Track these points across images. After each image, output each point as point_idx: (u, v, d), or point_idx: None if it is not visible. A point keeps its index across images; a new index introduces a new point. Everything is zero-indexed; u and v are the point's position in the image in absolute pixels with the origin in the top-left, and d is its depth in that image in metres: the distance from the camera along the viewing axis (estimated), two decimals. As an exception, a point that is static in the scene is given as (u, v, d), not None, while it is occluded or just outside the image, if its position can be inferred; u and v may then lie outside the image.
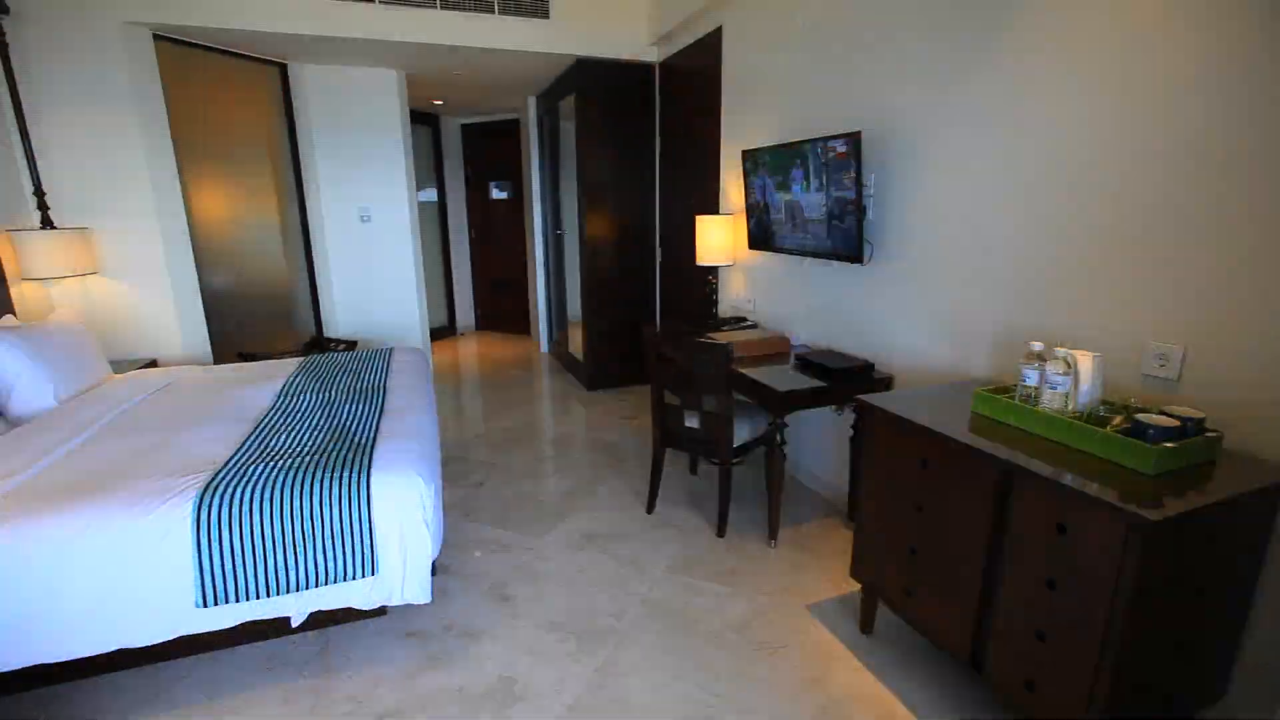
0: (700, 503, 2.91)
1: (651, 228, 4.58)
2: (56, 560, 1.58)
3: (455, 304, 6.73)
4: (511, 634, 2.04)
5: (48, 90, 3.17)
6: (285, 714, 1.74)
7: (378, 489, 1.79)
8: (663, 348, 2.57)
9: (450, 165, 6.51)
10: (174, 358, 3.60)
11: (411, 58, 4.15)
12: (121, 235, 3.40)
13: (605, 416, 4.14)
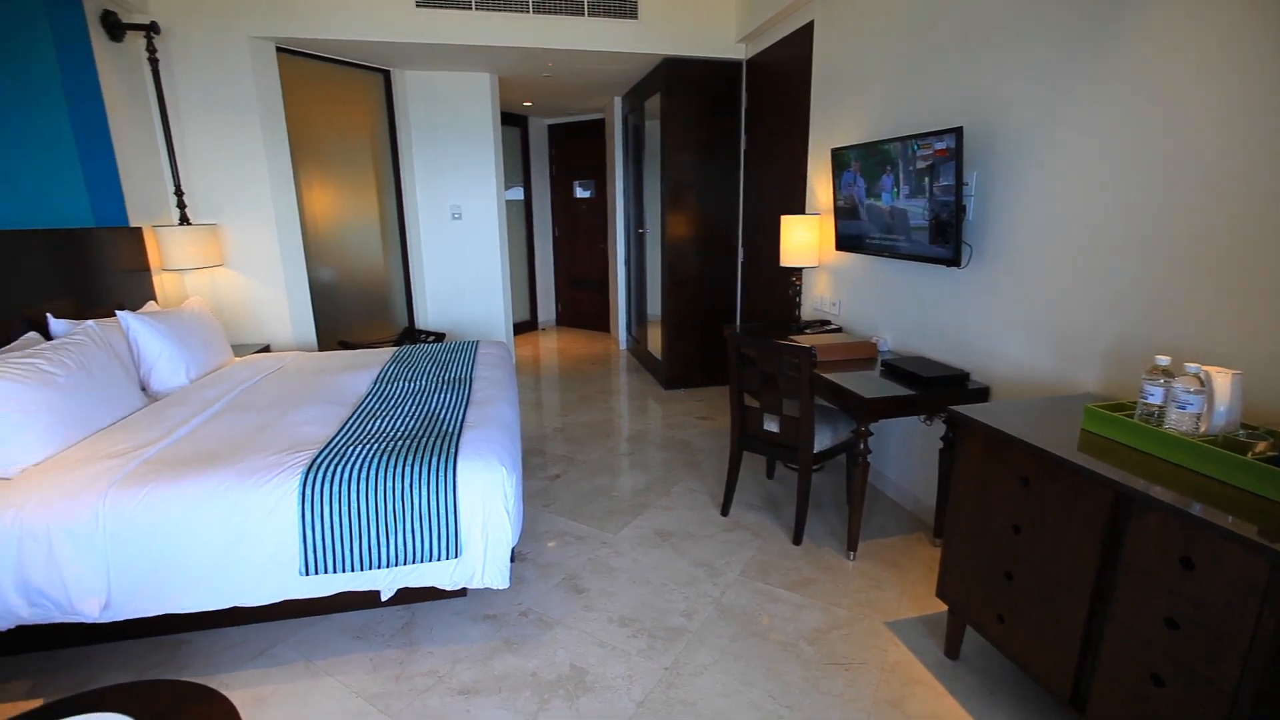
0: (776, 508, 2.85)
1: (734, 227, 4.53)
2: (186, 521, 1.75)
3: (538, 299, 6.92)
4: (584, 625, 2.08)
5: (186, 100, 3.51)
6: (373, 680, 1.85)
7: (464, 476, 1.87)
8: (743, 349, 2.54)
9: (536, 165, 6.70)
10: (284, 344, 3.90)
11: (504, 61, 4.29)
12: (244, 231, 3.72)
13: (681, 416, 4.13)
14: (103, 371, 2.29)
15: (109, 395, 2.28)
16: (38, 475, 1.82)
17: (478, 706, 1.75)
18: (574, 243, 6.88)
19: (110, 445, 2.02)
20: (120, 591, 1.75)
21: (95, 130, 2.95)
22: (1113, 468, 1.35)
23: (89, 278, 2.79)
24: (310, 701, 1.78)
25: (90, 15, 2.98)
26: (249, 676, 1.86)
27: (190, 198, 3.57)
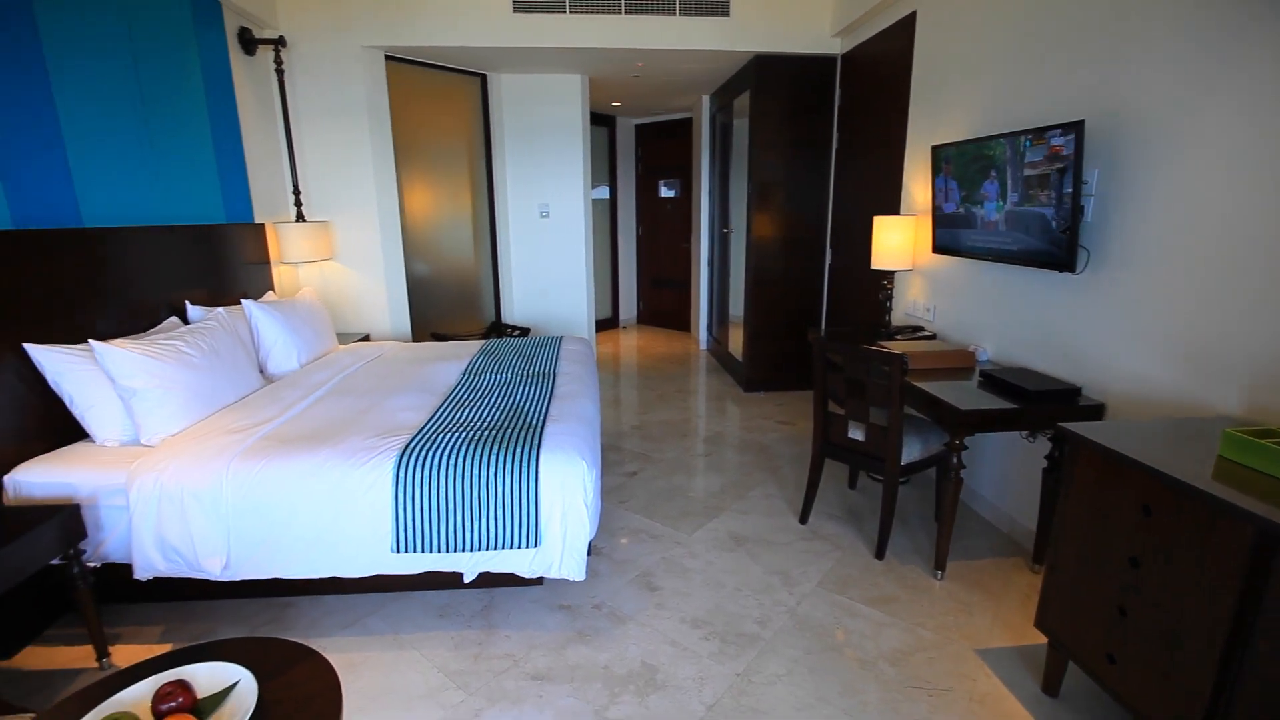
0: (858, 519, 2.75)
1: (823, 228, 4.39)
2: (294, 494, 1.90)
3: (619, 298, 7.00)
4: (656, 623, 2.08)
5: (306, 107, 3.80)
6: (454, 657, 1.93)
7: (545, 468, 1.92)
8: (830, 354, 2.46)
9: (623, 164, 6.78)
10: (382, 333, 4.15)
11: (595, 62, 4.37)
12: (351, 228, 3.99)
13: (760, 419, 4.06)
14: (229, 354, 2.53)
15: (233, 376, 2.50)
16: (174, 444, 2.03)
17: (550, 693, 1.79)
18: (657, 242, 6.91)
19: (233, 421, 2.22)
20: (238, 553, 1.92)
21: (230, 136, 3.25)
22: (1257, 501, 1.20)
23: (220, 269, 3.08)
24: (396, 671, 1.88)
25: (229, 33, 3.28)
26: (344, 642, 2.00)
27: (305, 197, 3.87)
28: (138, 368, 2.09)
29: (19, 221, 2.08)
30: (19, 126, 2.09)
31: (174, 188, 2.84)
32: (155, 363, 2.14)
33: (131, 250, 2.50)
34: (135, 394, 2.07)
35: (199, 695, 1.02)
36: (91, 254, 2.31)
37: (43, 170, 2.18)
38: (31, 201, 2.13)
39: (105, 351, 2.05)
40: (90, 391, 2.07)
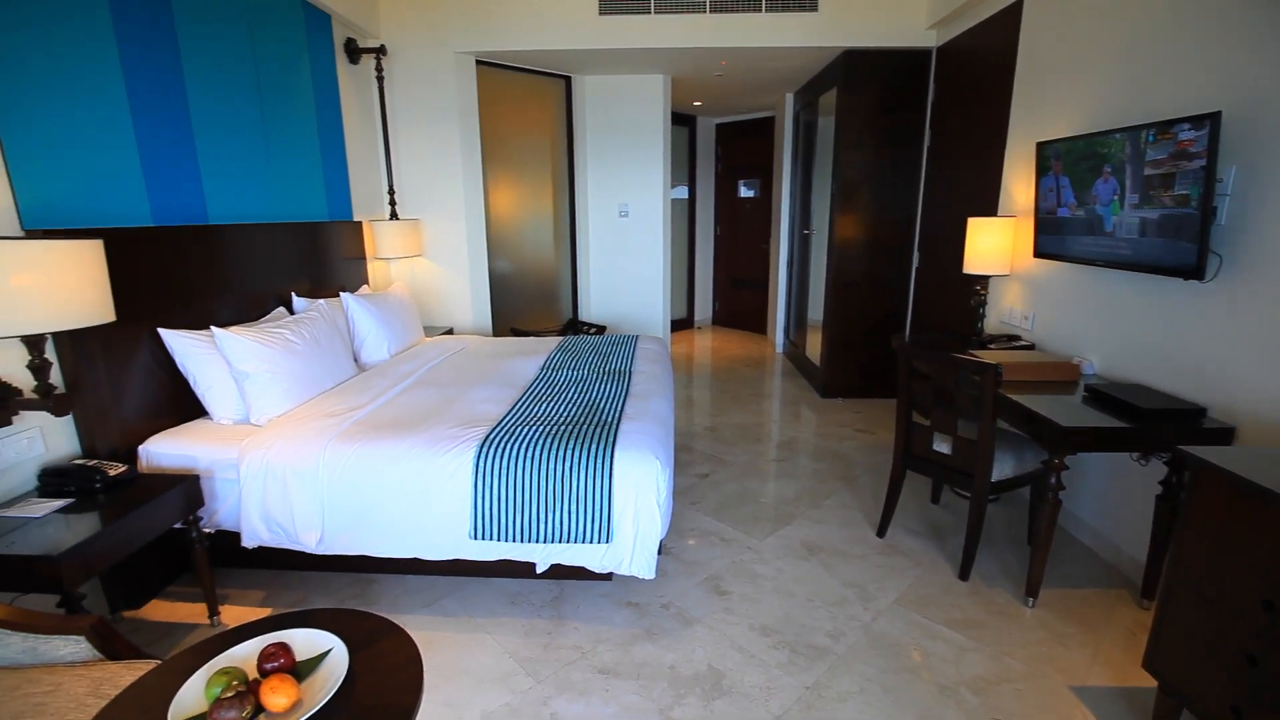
0: (940, 536, 2.61)
1: (910, 230, 4.20)
2: (383, 476, 2.01)
3: (695, 298, 6.97)
4: (724, 628, 2.06)
5: (402, 111, 4.00)
6: (524, 644, 1.98)
7: (620, 465, 1.94)
8: (915, 361, 2.35)
9: (703, 164, 6.74)
10: (465, 327, 4.32)
11: (678, 62, 4.37)
12: (439, 226, 4.17)
13: (837, 427, 3.93)
14: (328, 343, 2.70)
15: (331, 364, 2.67)
16: (279, 425, 2.19)
17: (616, 688, 1.81)
18: (735, 242, 6.83)
19: (330, 406, 2.37)
20: (331, 529, 2.05)
21: (334, 140, 3.47)
22: None
23: (322, 263, 3.30)
24: (469, 653, 1.95)
25: (337, 44, 3.51)
26: (422, 621, 2.09)
27: (399, 196, 4.08)
28: (250, 353, 2.27)
29: (158, 219, 2.31)
30: (162, 136, 2.32)
31: (285, 188, 3.06)
32: (265, 349, 2.32)
33: (247, 245, 2.72)
34: (248, 377, 2.25)
35: (297, 658, 1.10)
36: (215, 248, 2.53)
37: (178, 173, 2.41)
38: (168, 201, 2.36)
39: (224, 337, 2.24)
40: (210, 373, 2.27)
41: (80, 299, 1.65)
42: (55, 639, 1.30)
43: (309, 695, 1.04)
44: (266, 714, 1.00)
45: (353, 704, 1.05)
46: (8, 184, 1.80)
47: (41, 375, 1.71)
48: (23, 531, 1.61)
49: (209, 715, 0.97)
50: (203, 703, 1.01)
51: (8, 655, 1.29)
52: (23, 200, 1.83)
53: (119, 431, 2.07)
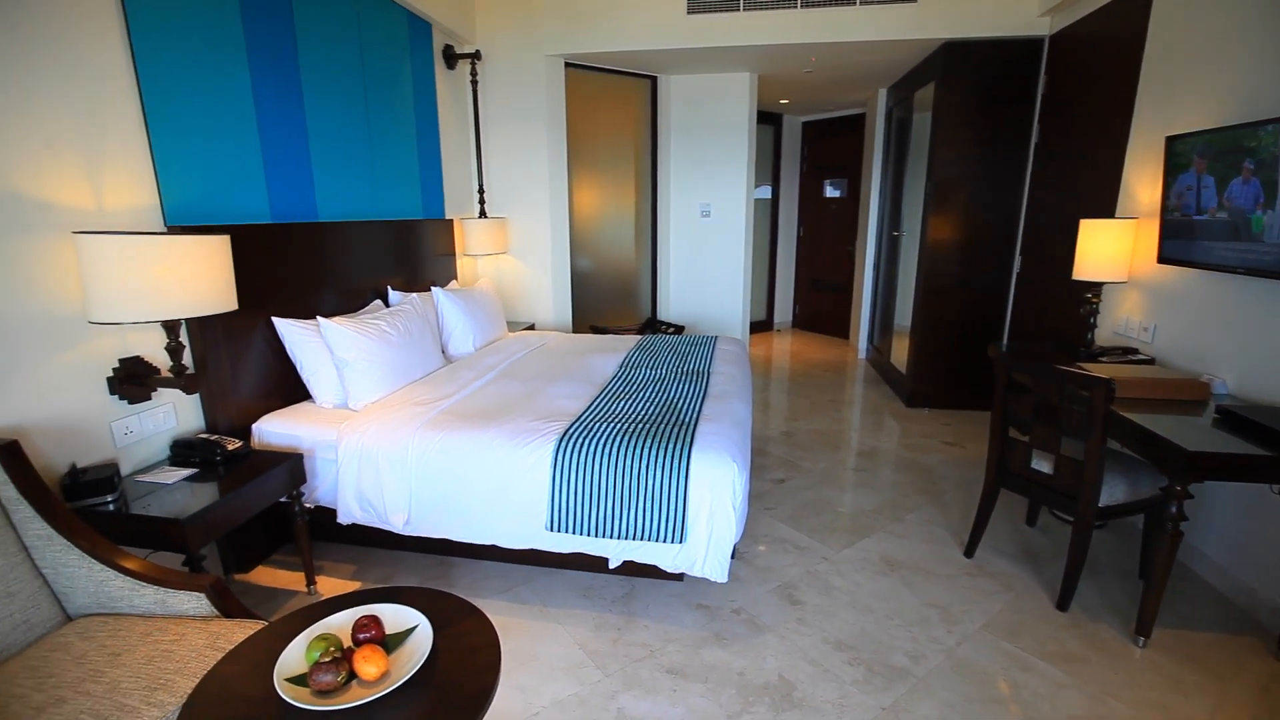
0: (1035, 561, 2.43)
1: (1012, 232, 3.94)
2: (466, 465, 2.09)
3: (775, 300, 6.84)
4: (796, 638, 2.01)
5: (493, 113, 4.15)
6: (594, 638, 2.01)
7: (696, 466, 1.93)
8: (1015, 372, 2.20)
9: (787, 163, 6.60)
10: (546, 323, 4.43)
11: (766, 59, 4.29)
12: (524, 224, 4.30)
13: (923, 438, 3.74)
14: (419, 335, 2.84)
15: (421, 355, 2.81)
16: (374, 411, 2.33)
17: (683, 690, 1.80)
18: (818, 243, 6.65)
19: (419, 395, 2.49)
20: (417, 512, 2.16)
21: (430, 141, 3.65)
22: None
23: (415, 259, 3.48)
24: (541, 641, 2.00)
25: (436, 50, 3.69)
26: (497, 606, 2.16)
27: (488, 195, 4.24)
28: (350, 342, 2.42)
29: (276, 216, 2.51)
30: (282, 142, 2.52)
31: (385, 187, 3.25)
32: (363, 339, 2.47)
33: (351, 241, 2.91)
34: (347, 364, 2.41)
35: (386, 631, 1.16)
36: (322, 243, 2.72)
37: (294, 175, 2.61)
38: (285, 200, 2.56)
39: (328, 327, 2.41)
40: (314, 360, 2.44)
41: (210, 289, 1.81)
42: (181, 594, 1.44)
43: (396, 667, 1.10)
44: (358, 680, 1.07)
45: (435, 679, 1.10)
46: (155, 187, 2.00)
47: (176, 357, 1.89)
48: (156, 495, 1.79)
49: (309, 676, 1.04)
50: (303, 664, 1.09)
51: (142, 605, 1.44)
52: (167, 201, 2.03)
53: (236, 410, 2.26)
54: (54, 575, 1.45)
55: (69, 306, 1.76)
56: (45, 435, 1.72)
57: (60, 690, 1.19)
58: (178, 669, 1.25)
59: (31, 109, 1.65)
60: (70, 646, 1.32)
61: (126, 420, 1.95)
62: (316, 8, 2.69)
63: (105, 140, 1.85)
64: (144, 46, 1.93)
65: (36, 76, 1.66)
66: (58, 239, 1.72)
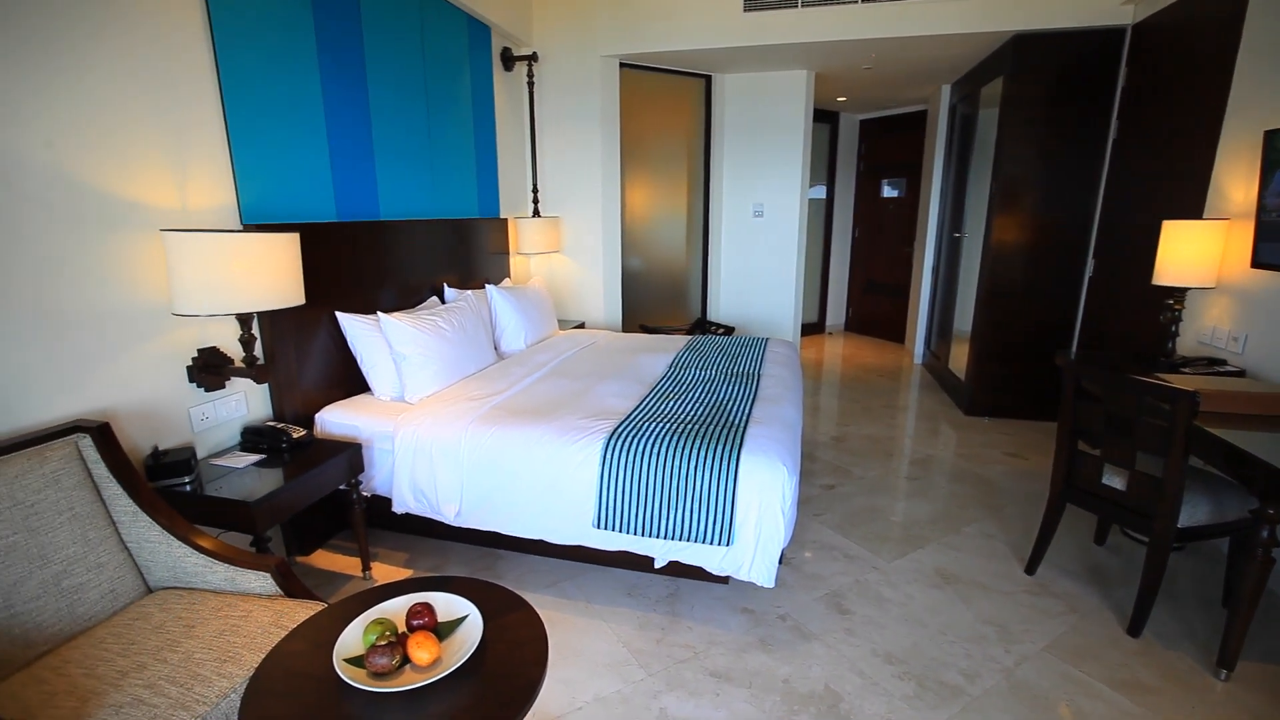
0: (1104, 582, 2.30)
1: (1084, 234, 3.73)
2: (516, 460, 2.13)
3: (828, 302, 6.70)
4: (844, 648, 1.96)
5: (548, 114, 4.21)
6: (638, 636, 2.01)
7: (745, 469, 1.91)
8: (1085, 381, 2.08)
9: (843, 162, 6.45)
10: (596, 322, 4.47)
11: (824, 57, 4.20)
12: (577, 223, 4.35)
13: (982, 448, 3.60)
14: (473, 331, 2.91)
15: (474, 351, 2.88)
16: (429, 404, 2.40)
17: (727, 693, 1.78)
18: (874, 245, 6.47)
19: (472, 390, 2.55)
20: (468, 504, 2.21)
21: (487, 141, 3.73)
22: None
23: (470, 257, 3.56)
24: (585, 637, 2.01)
25: (494, 53, 3.77)
26: (543, 600, 2.19)
27: (541, 194, 4.30)
28: (408, 337, 2.50)
29: (341, 215, 2.62)
30: (348, 143, 2.62)
31: (443, 187, 3.34)
32: (421, 334, 2.54)
33: (410, 239, 3.00)
34: (405, 359, 2.49)
35: (438, 619, 1.19)
36: (383, 241, 2.81)
37: (358, 175, 2.71)
38: (350, 199, 2.66)
39: (388, 322, 2.49)
40: (374, 354, 2.53)
41: (281, 284, 1.90)
42: (248, 573, 1.51)
43: (447, 654, 1.13)
44: (411, 665, 1.10)
45: (484, 669, 1.12)
46: (233, 187, 2.12)
47: (249, 348, 1.99)
48: (227, 479, 1.89)
49: (365, 658, 1.08)
50: (360, 646, 1.13)
51: (214, 581, 1.53)
52: (243, 200, 2.14)
53: (301, 400, 2.37)
54: (137, 549, 1.55)
55: (155, 299, 1.88)
56: (132, 419, 1.84)
57: (141, 657, 1.28)
58: (245, 643, 1.32)
59: (128, 119, 1.77)
60: (150, 616, 1.41)
61: (203, 407, 2.07)
62: (384, 14, 2.79)
63: (190, 145, 1.97)
64: (227, 56, 2.05)
65: (133, 90, 1.78)
66: (147, 236, 1.84)
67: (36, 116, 1.57)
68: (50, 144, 1.59)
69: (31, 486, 1.38)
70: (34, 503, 1.37)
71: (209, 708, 1.17)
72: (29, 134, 1.55)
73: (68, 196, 1.64)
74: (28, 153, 1.55)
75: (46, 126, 1.59)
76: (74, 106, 1.64)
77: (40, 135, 1.58)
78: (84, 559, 1.42)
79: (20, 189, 1.54)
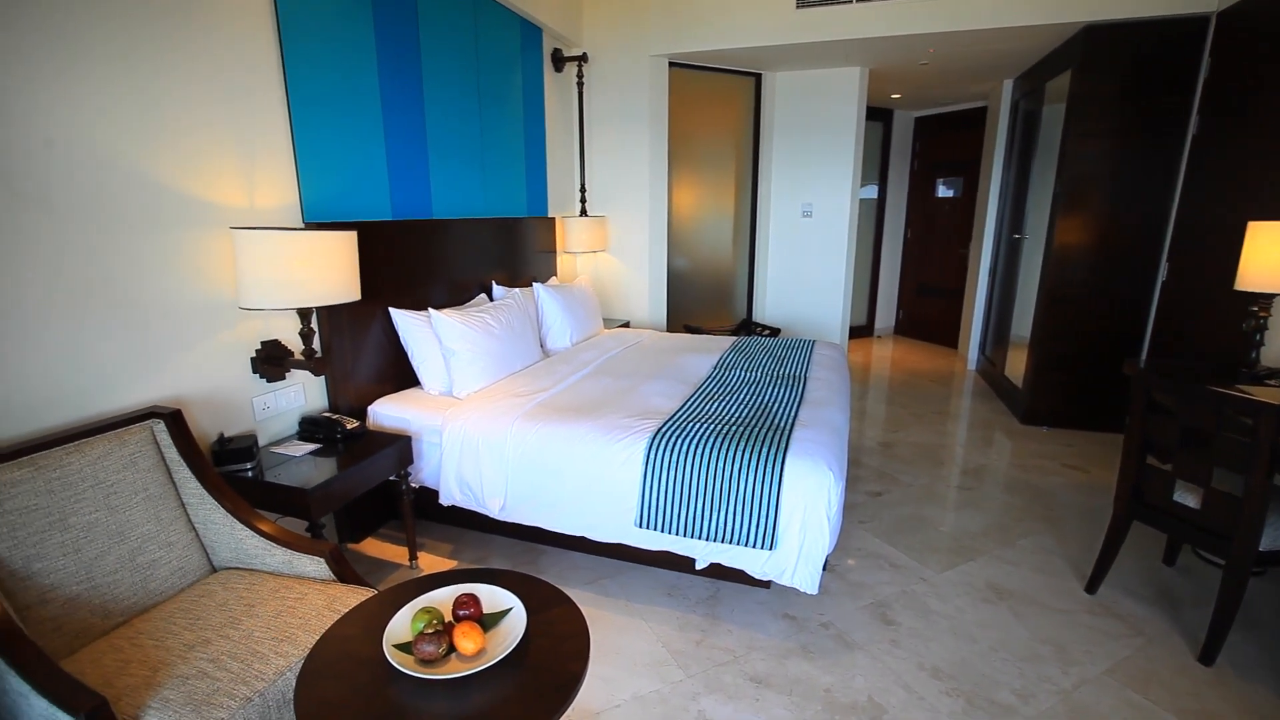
0: (1173, 605, 2.17)
1: (1157, 236, 3.53)
2: (560, 457, 2.15)
3: (877, 304, 6.54)
4: (888, 660, 1.91)
5: (597, 113, 4.24)
6: (677, 637, 2.01)
7: (790, 473, 1.88)
8: (1157, 392, 1.97)
9: (896, 161, 6.28)
10: (640, 321, 4.48)
11: (879, 52, 4.09)
12: (623, 223, 4.36)
13: (1040, 458, 3.45)
14: (520, 329, 2.95)
15: (521, 348, 2.92)
16: (476, 400, 2.45)
17: (766, 699, 1.76)
18: (927, 246, 6.28)
19: (518, 386, 2.59)
20: (513, 499, 2.24)
21: (536, 141, 3.78)
22: None
23: (518, 255, 3.62)
24: (625, 635, 2.02)
25: (545, 54, 3.82)
26: (583, 596, 2.21)
27: (589, 194, 4.33)
28: (458, 333, 2.55)
29: (396, 214, 2.70)
30: (404, 144, 2.70)
31: (493, 186, 3.41)
32: (470, 331, 2.60)
33: (461, 237, 3.07)
34: (454, 354, 2.54)
35: (484, 610, 1.22)
36: (435, 239, 2.88)
37: (413, 175, 2.79)
38: (405, 199, 2.74)
39: (438, 318, 2.55)
40: (424, 349, 2.59)
41: (339, 280, 1.98)
42: (304, 557, 1.57)
43: (492, 645, 1.15)
44: (457, 654, 1.12)
45: (527, 661, 1.13)
46: (297, 187, 2.21)
47: (308, 341, 2.08)
48: (285, 466, 1.97)
49: (413, 645, 1.11)
50: (408, 633, 1.16)
51: (272, 563, 1.60)
52: (305, 199, 2.23)
53: (355, 392, 2.45)
54: (203, 530, 1.63)
55: (224, 294, 1.97)
56: (200, 406, 1.94)
57: (206, 632, 1.35)
58: (300, 624, 1.37)
59: (204, 121, 1.87)
60: (214, 594, 1.48)
61: (264, 397, 2.16)
62: (439, 16, 2.86)
63: (259, 146, 2.06)
64: (294, 58, 2.14)
65: (209, 93, 1.88)
66: (218, 234, 1.94)
67: (127, 119, 1.67)
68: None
69: (112, 468, 1.47)
70: (114, 483, 1.46)
71: (266, 684, 1.22)
72: (120, 137, 1.65)
73: (150, 197, 1.74)
74: (117, 155, 1.65)
75: (135, 129, 1.69)
76: (157, 110, 1.74)
77: (132, 138, 1.68)
78: (157, 537, 1.51)
79: (109, 190, 1.64)
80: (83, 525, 1.38)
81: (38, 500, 1.33)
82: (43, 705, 1.05)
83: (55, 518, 1.35)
